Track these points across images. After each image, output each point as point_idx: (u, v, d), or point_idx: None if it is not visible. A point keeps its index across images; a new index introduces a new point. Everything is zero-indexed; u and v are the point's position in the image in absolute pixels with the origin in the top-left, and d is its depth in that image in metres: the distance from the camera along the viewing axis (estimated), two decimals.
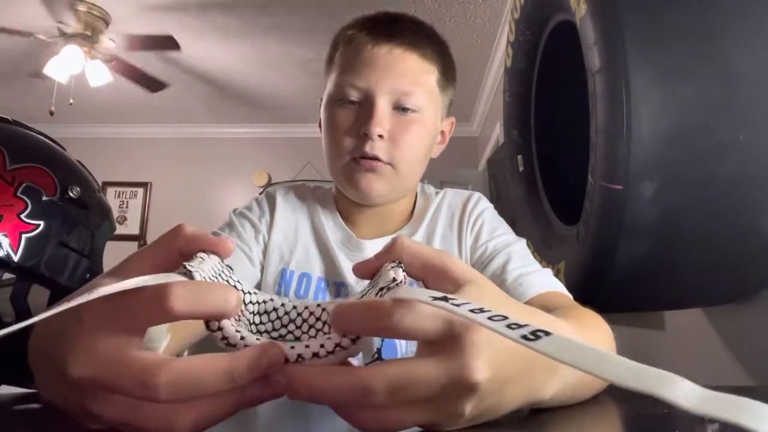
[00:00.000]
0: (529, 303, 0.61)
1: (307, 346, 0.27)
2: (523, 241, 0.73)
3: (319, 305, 0.33)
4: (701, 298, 1.16)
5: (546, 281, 0.64)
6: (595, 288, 1.00)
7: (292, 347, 0.27)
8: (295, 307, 0.33)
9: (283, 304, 0.33)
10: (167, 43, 3.15)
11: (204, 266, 0.29)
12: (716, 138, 0.88)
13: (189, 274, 0.28)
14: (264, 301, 0.33)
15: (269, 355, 0.26)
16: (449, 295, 0.26)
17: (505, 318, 0.23)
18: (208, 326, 0.27)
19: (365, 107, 0.66)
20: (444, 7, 2.96)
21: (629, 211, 0.89)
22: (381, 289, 0.28)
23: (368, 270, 0.34)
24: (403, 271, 0.31)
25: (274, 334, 0.32)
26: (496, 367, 0.27)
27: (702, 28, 0.89)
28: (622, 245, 0.92)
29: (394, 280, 0.29)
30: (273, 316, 0.33)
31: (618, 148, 0.88)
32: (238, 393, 0.26)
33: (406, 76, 0.66)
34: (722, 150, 0.88)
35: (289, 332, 0.33)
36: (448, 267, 0.31)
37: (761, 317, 1.08)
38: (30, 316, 0.50)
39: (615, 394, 0.42)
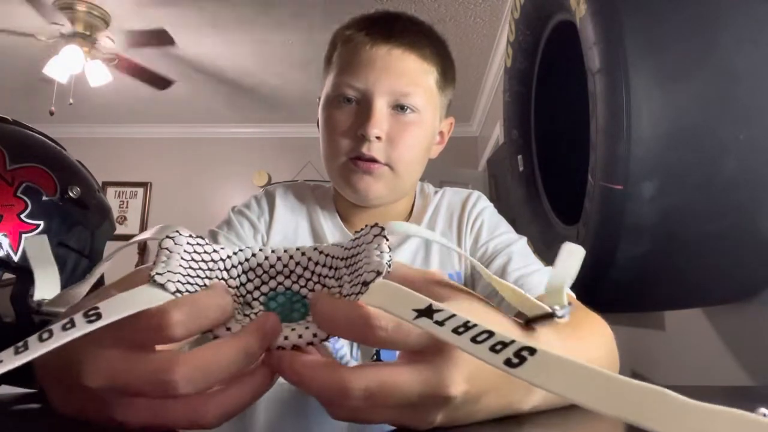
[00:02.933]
0: None
1: (300, 336, 0.28)
2: (523, 240, 0.73)
3: (303, 254, 0.34)
4: (701, 298, 1.16)
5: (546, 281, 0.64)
6: (595, 288, 1.00)
7: (286, 338, 0.27)
8: (279, 259, 0.34)
9: (266, 258, 0.34)
10: (161, 37, 3.14)
11: (172, 264, 0.29)
12: (716, 138, 0.88)
13: (161, 287, 0.27)
14: (247, 259, 0.33)
15: (270, 325, 0.27)
16: (435, 304, 0.25)
17: (491, 335, 0.22)
18: None
19: (363, 108, 0.65)
20: (444, 7, 2.96)
21: (629, 211, 0.89)
22: (365, 283, 0.28)
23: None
24: (387, 242, 0.30)
25: (264, 288, 0.33)
26: (473, 381, 0.27)
27: (702, 28, 0.89)
28: (622, 245, 0.92)
29: (378, 273, 0.28)
30: (259, 271, 0.33)
31: (618, 148, 0.88)
32: (253, 378, 0.27)
33: (404, 77, 0.65)
34: (722, 150, 0.88)
35: (279, 284, 0.33)
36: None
37: (761, 317, 1.08)
38: (30, 316, 0.50)
39: None
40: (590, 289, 1.00)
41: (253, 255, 0.33)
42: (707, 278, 1.02)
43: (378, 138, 0.65)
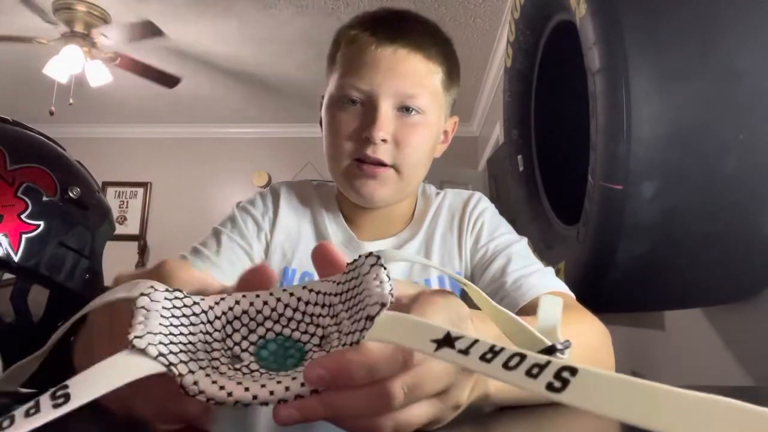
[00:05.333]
0: (529, 305, 0.61)
1: (287, 389, 0.25)
2: (524, 241, 0.73)
3: (292, 294, 0.31)
4: (701, 298, 1.16)
5: (546, 282, 0.64)
6: (595, 288, 1.00)
7: (272, 392, 0.25)
8: (266, 303, 0.31)
9: (252, 303, 0.31)
10: (150, 30, 3.11)
11: (151, 324, 0.27)
12: (716, 138, 0.88)
13: (142, 352, 0.25)
14: (231, 308, 0.31)
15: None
16: (452, 332, 0.23)
17: (523, 358, 0.20)
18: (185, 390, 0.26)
19: (368, 110, 0.65)
20: (444, 7, 2.96)
21: (629, 211, 0.89)
22: (369, 318, 0.26)
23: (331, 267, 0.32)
24: (386, 270, 0.28)
25: (253, 337, 0.30)
26: None
27: (702, 28, 0.89)
28: (622, 245, 0.92)
29: (382, 305, 0.26)
30: (245, 318, 0.31)
31: (618, 148, 0.88)
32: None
33: (409, 78, 0.65)
34: (722, 150, 0.88)
35: (268, 330, 0.31)
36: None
37: (761, 317, 1.08)
38: (30, 316, 0.50)
39: None
40: (590, 288, 1.00)
41: (237, 302, 0.31)
42: (707, 278, 1.02)
43: (383, 141, 0.64)
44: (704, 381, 1.30)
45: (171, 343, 0.27)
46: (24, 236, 0.47)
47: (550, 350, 0.28)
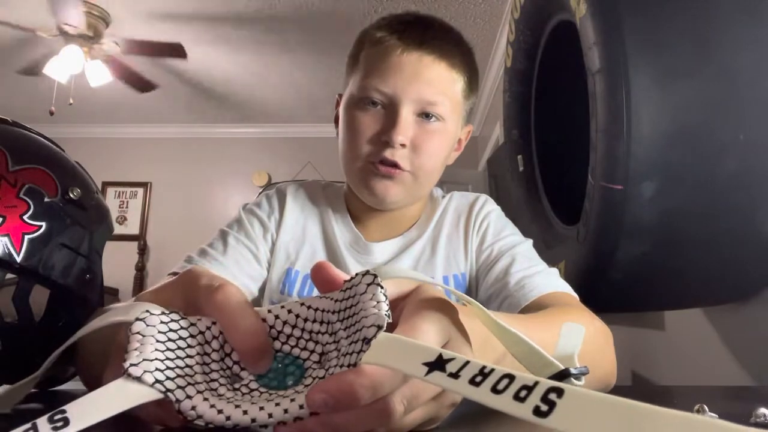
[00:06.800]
0: (531, 305, 0.61)
1: (285, 411, 0.26)
2: (529, 242, 0.73)
3: (290, 311, 0.31)
4: (701, 298, 1.16)
5: (550, 282, 0.64)
6: (595, 288, 1.00)
7: (270, 415, 0.25)
8: (264, 320, 0.30)
9: None
10: (174, 50, 3.14)
11: (146, 350, 0.27)
12: (716, 138, 0.88)
13: (138, 380, 0.25)
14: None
15: None
16: (444, 353, 0.23)
17: (512, 379, 0.20)
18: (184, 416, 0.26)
19: (389, 113, 0.65)
20: (444, 7, 2.96)
21: (629, 211, 0.89)
22: (366, 340, 0.25)
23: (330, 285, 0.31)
24: (383, 289, 0.28)
25: None
26: (476, 350, 0.30)
27: (702, 28, 0.89)
28: (622, 245, 0.92)
29: (378, 327, 0.25)
30: None
31: (618, 148, 0.88)
32: None
33: (432, 86, 0.65)
34: (722, 150, 0.88)
35: None
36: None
37: (761, 317, 1.08)
38: (32, 315, 0.50)
39: (624, 393, 0.41)
40: (590, 288, 1.00)
41: None
42: (707, 278, 1.02)
43: (402, 145, 0.64)
44: (704, 381, 1.30)
45: (167, 368, 0.27)
46: (26, 237, 0.47)
47: (563, 375, 0.27)
